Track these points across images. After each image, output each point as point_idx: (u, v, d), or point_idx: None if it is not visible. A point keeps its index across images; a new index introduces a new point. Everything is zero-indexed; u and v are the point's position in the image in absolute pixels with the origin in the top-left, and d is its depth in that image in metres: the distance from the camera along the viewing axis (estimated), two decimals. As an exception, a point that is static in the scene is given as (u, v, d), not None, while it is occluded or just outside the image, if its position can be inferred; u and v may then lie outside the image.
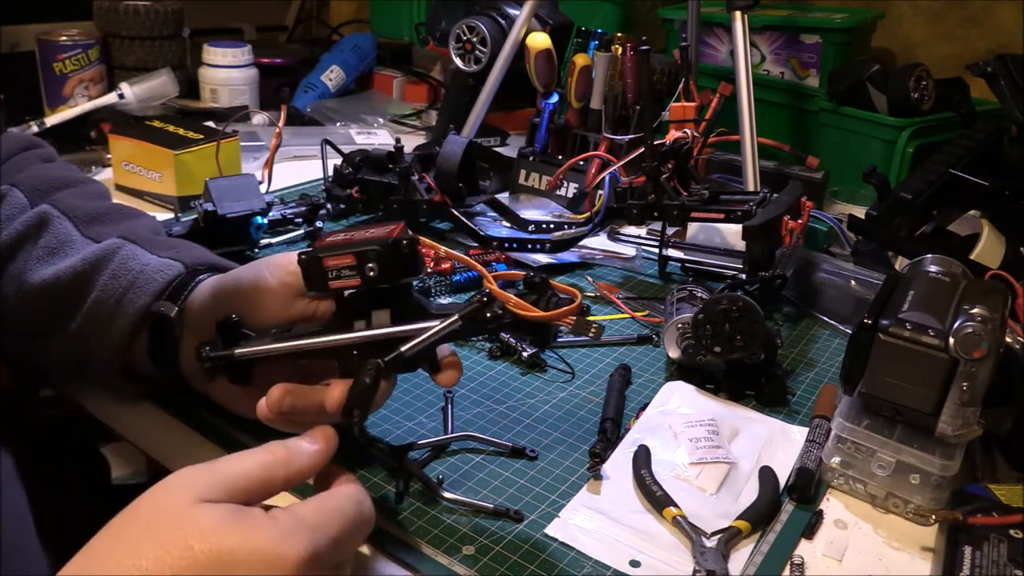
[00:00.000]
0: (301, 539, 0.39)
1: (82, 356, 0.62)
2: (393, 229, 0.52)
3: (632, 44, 1.14)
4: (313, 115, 1.47)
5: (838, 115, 1.16)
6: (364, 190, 1.01)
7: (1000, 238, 0.86)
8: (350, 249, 0.50)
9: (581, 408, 0.69)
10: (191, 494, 0.39)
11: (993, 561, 0.49)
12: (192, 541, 0.37)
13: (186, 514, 0.38)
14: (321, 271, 0.51)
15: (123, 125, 1.16)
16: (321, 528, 0.41)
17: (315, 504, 0.43)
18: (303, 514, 0.42)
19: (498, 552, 0.53)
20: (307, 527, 0.40)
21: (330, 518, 0.42)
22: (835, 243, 0.99)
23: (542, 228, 0.99)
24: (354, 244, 0.51)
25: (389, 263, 0.50)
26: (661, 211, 0.88)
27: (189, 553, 0.37)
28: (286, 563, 0.38)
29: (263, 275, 0.58)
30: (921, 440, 0.57)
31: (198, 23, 1.55)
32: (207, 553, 0.37)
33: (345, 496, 0.45)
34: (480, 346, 0.78)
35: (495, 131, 1.36)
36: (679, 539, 0.55)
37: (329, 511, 0.43)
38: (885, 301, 0.61)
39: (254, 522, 0.39)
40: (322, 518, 0.42)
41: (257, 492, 0.42)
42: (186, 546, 0.37)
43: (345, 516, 0.43)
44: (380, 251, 0.50)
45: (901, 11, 1.38)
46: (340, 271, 0.51)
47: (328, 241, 0.53)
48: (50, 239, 0.64)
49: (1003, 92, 0.91)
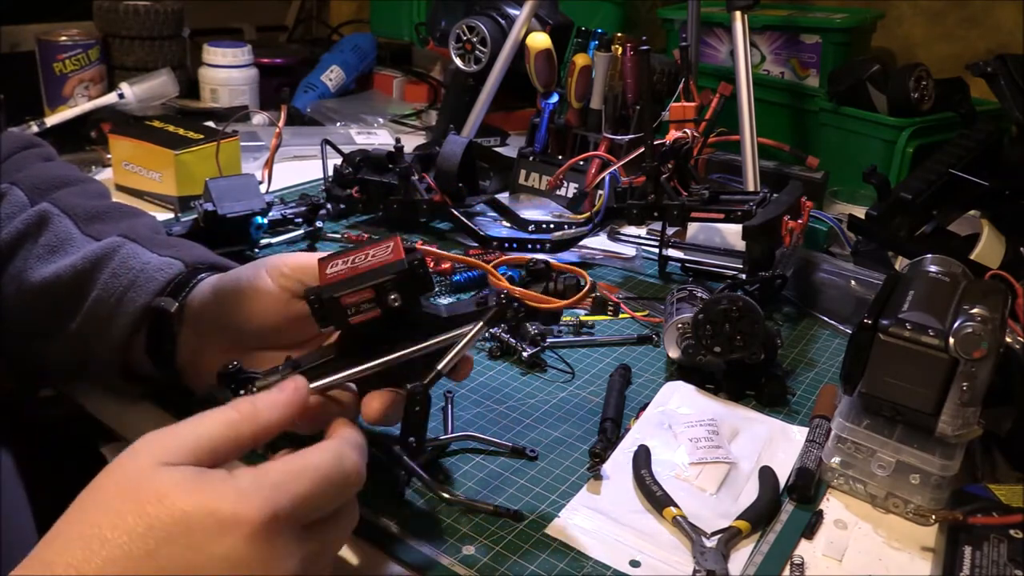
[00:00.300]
0: (258, 498, 0.38)
1: (82, 356, 0.62)
2: (392, 247, 0.51)
3: (632, 44, 1.14)
4: (313, 115, 1.47)
5: (838, 115, 1.16)
6: (364, 190, 1.01)
7: (1000, 238, 0.86)
8: (366, 283, 0.49)
9: (581, 408, 0.69)
10: (153, 458, 0.38)
11: (993, 561, 0.49)
12: (147, 506, 0.36)
13: (146, 478, 0.37)
14: (340, 309, 0.49)
15: (123, 125, 1.16)
16: (284, 485, 0.39)
17: (283, 460, 0.41)
18: (266, 471, 0.40)
19: (498, 552, 0.53)
20: (268, 485, 0.38)
21: (297, 474, 0.40)
22: (835, 243, 0.99)
23: (542, 228, 0.99)
24: (366, 276, 0.49)
25: (407, 288, 0.49)
26: (661, 211, 0.88)
27: (145, 518, 0.36)
28: (241, 524, 0.37)
29: (261, 276, 0.57)
30: (921, 440, 0.57)
31: (198, 23, 1.55)
32: (162, 517, 0.36)
33: (323, 450, 0.42)
34: (480, 346, 0.77)
35: (495, 131, 1.36)
36: (679, 539, 0.55)
37: (298, 467, 0.40)
38: (885, 301, 0.61)
39: (211, 483, 0.38)
40: (288, 475, 0.40)
41: (225, 452, 0.41)
42: (142, 511, 0.36)
43: (317, 471, 0.41)
44: (398, 279, 0.49)
45: (901, 11, 1.38)
46: (360, 306, 0.49)
47: (332, 275, 0.51)
48: (50, 237, 0.64)
49: (1003, 92, 0.91)
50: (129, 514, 0.36)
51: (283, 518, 0.38)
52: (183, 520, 0.36)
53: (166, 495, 0.37)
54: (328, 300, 0.49)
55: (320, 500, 0.41)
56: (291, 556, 0.39)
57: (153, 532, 0.36)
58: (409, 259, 0.49)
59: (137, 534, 0.36)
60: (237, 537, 0.37)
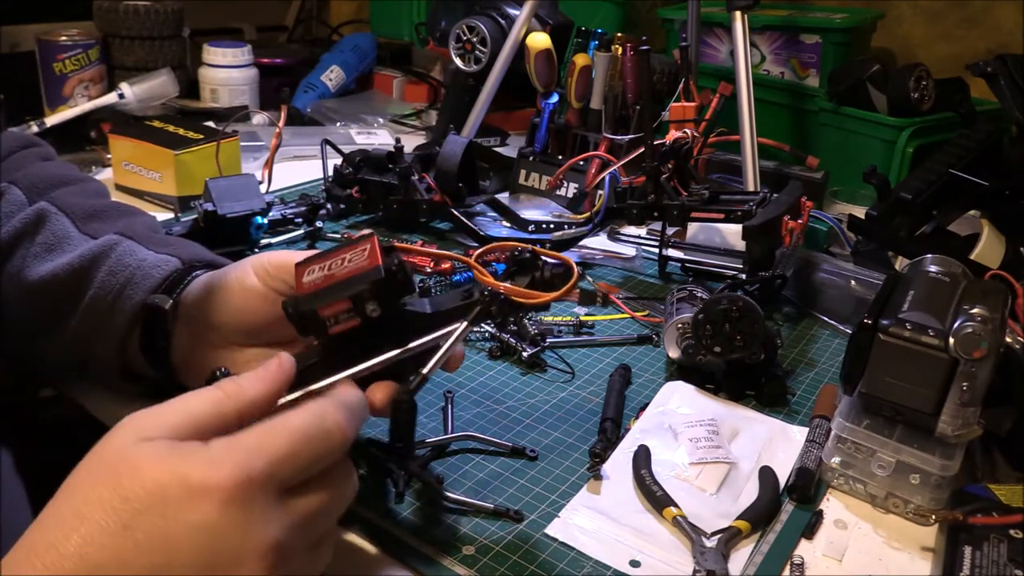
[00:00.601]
0: (230, 463, 0.37)
1: (82, 355, 0.62)
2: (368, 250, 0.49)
3: (632, 44, 1.14)
4: (313, 115, 1.47)
5: (838, 115, 1.16)
6: (364, 190, 1.01)
7: (1000, 238, 0.86)
8: (342, 294, 0.47)
9: (581, 408, 0.69)
10: (135, 435, 0.38)
11: (993, 561, 0.49)
12: (122, 479, 0.36)
13: (123, 453, 0.37)
14: (318, 321, 0.48)
15: (123, 125, 1.16)
16: (259, 449, 0.38)
17: (259, 425, 0.40)
18: (241, 436, 0.39)
19: (498, 552, 0.53)
20: (241, 450, 0.38)
21: (273, 436, 0.39)
22: (835, 243, 0.99)
23: (542, 228, 0.99)
24: (343, 285, 0.47)
25: (386, 295, 0.47)
26: (661, 211, 0.88)
27: (119, 491, 0.36)
28: (213, 489, 0.36)
29: (248, 274, 0.57)
30: (921, 440, 0.57)
31: (198, 23, 1.55)
32: (135, 489, 0.36)
33: (304, 411, 0.41)
34: (480, 346, 0.78)
35: (495, 131, 1.36)
36: (679, 539, 0.55)
37: (275, 430, 0.39)
38: (885, 301, 0.61)
39: (183, 452, 0.37)
40: (263, 438, 0.39)
41: (208, 428, 0.40)
42: (116, 485, 0.36)
43: (294, 430, 0.39)
44: (375, 288, 0.47)
45: (901, 11, 1.38)
46: (338, 317, 0.48)
47: (309, 284, 0.49)
48: (48, 236, 0.64)
49: (1003, 92, 0.91)
50: (105, 488, 0.36)
51: (258, 481, 0.37)
52: (156, 490, 0.36)
53: (139, 467, 0.36)
54: (306, 312, 0.48)
55: (298, 460, 0.39)
56: (271, 521, 0.38)
57: (128, 504, 0.36)
58: (386, 265, 0.47)
59: (112, 508, 0.36)
60: (210, 503, 0.36)
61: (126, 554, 0.35)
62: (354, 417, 0.43)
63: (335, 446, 0.41)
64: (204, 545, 0.36)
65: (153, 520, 0.35)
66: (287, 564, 0.38)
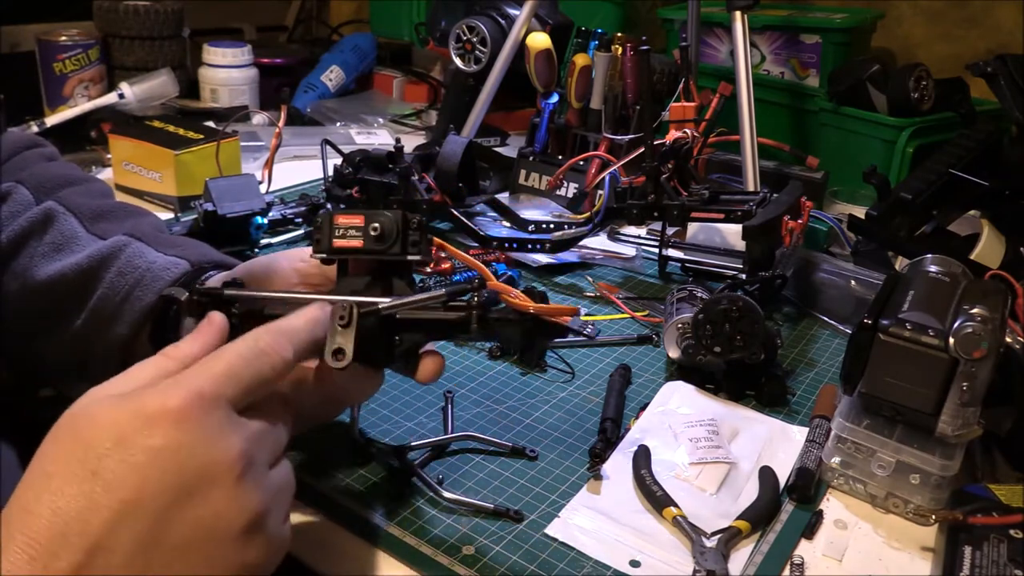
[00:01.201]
0: (179, 387, 0.39)
1: (82, 356, 0.62)
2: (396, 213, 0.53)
3: (632, 44, 1.14)
4: (313, 115, 1.47)
5: (838, 115, 1.16)
6: (364, 190, 1.01)
7: (1000, 238, 0.86)
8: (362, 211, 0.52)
9: (581, 408, 0.69)
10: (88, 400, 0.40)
11: (993, 561, 0.49)
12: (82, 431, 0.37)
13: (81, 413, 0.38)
14: (330, 228, 0.52)
15: (123, 125, 1.16)
16: (202, 372, 0.40)
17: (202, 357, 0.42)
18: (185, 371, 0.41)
19: (498, 552, 0.53)
20: (187, 376, 0.40)
21: (214, 360, 0.41)
22: (835, 243, 0.99)
23: (542, 228, 0.99)
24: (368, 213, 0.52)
25: (394, 232, 0.51)
26: (661, 211, 0.88)
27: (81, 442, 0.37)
28: (168, 412, 0.37)
29: (277, 260, 0.59)
30: (921, 440, 0.57)
31: (198, 23, 1.55)
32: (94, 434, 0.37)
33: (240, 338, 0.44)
34: (480, 346, 0.78)
35: (495, 131, 1.36)
36: (679, 539, 0.55)
37: (215, 356, 0.42)
38: (885, 301, 0.61)
39: (136, 392, 0.39)
40: (205, 363, 0.41)
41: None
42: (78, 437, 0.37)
43: (233, 354, 0.42)
44: (390, 217, 0.51)
45: (901, 11, 1.38)
46: (347, 230, 0.52)
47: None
48: (56, 235, 0.64)
49: (1003, 92, 0.91)
50: (65, 444, 0.37)
51: (208, 397, 0.39)
52: (114, 429, 0.37)
53: (95, 416, 0.38)
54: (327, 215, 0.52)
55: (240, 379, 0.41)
56: (231, 433, 0.39)
57: (90, 451, 0.36)
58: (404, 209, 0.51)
59: (76, 458, 0.36)
60: (167, 425, 0.37)
61: (97, 497, 0.35)
62: (289, 339, 0.45)
63: (272, 364, 0.43)
64: (170, 468, 0.37)
65: (117, 457, 0.36)
66: (255, 475, 0.40)
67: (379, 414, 0.66)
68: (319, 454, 0.61)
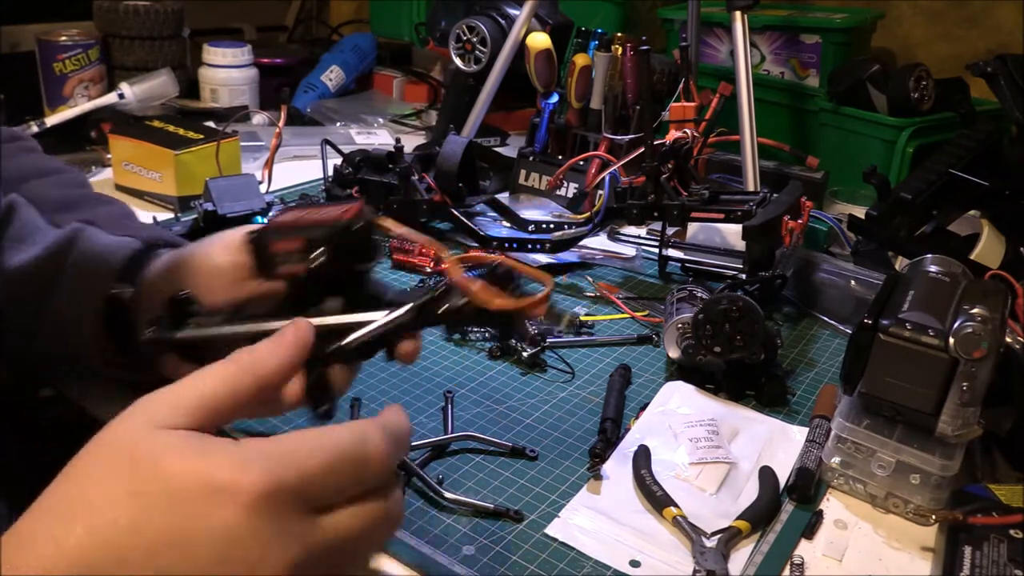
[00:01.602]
0: (260, 467, 0.33)
1: (68, 350, 0.61)
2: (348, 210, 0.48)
3: (632, 44, 1.14)
4: (313, 115, 1.47)
5: (838, 115, 1.16)
6: (364, 190, 1.01)
7: (1000, 238, 0.86)
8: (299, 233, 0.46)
9: (581, 408, 0.69)
10: (149, 422, 0.35)
11: (993, 561, 0.49)
12: (140, 470, 0.33)
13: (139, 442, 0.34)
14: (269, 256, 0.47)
15: (123, 125, 1.16)
16: (292, 456, 0.35)
17: (297, 433, 0.36)
18: (277, 440, 0.35)
19: (498, 552, 0.53)
20: (272, 455, 0.34)
21: (309, 448, 0.35)
22: (835, 243, 0.99)
23: (542, 228, 0.99)
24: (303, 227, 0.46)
25: (339, 248, 0.45)
26: (661, 211, 0.88)
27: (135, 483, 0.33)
28: (239, 493, 0.32)
29: (211, 254, 0.55)
30: (921, 440, 0.57)
31: (198, 23, 1.55)
32: (154, 482, 0.33)
33: (347, 427, 0.37)
34: (480, 346, 0.78)
35: (495, 131, 1.36)
36: (679, 539, 0.55)
37: (311, 439, 0.36)
38: (885, 301, 0.61)
39: (211, 448, 0.34)
40: (297, 446, 0.35)
41: (227, 409, 0.37)
42: (133, 476, 0.33)
43: (332, 446, 0.36)
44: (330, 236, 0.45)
45: (901, 11, 1.38)
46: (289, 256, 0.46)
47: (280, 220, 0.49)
48: (18, 228, 0.63)
49: (1003, 92, 0.91)
50: (118, 479, 0.33)
51: (287, 491, 0.34)
52: (178, 487, 0.33)
53: (160, 459, 0.33)
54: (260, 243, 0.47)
55: (333, 479, 0.36)
56: (295, 539, 0.34)
57: (143, 498, 0.32)
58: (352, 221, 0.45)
59: (125, 502, 0.32)
60: (233, 508, 0.32)
61: (132, 554, 0.32)
62: (398, 446, 0.39)
63: (373, 473, 0.37)
64: (220, 552, 0.32)
65: (170, 519, 0.32)
66: None
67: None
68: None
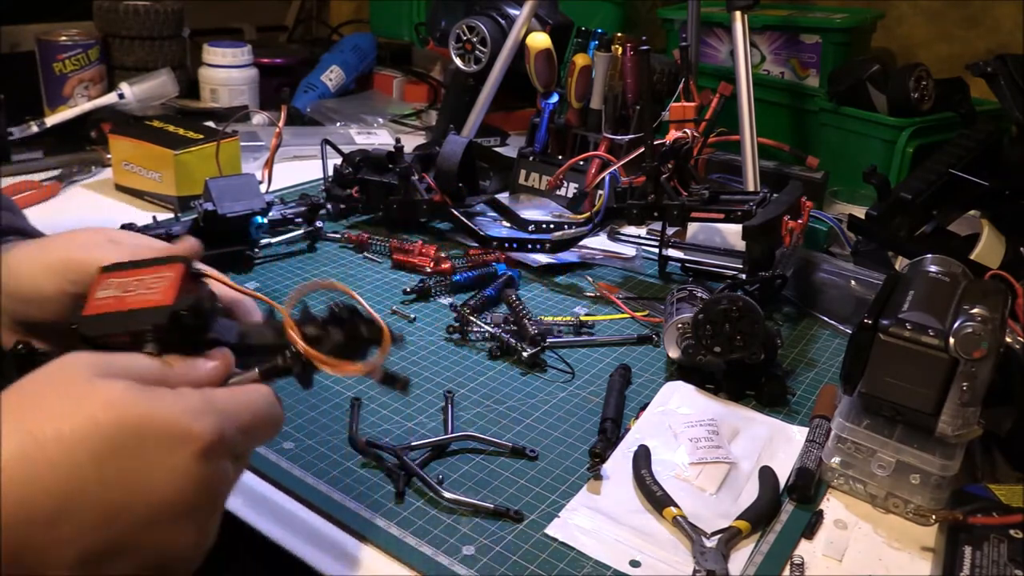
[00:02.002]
0: (210, 419, 0.38)
1: None
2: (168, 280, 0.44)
3: (632, 44, 1.14)
4: (313, 115, 1.47)
5: (838, 115, 1.16)
6: (364, 190, 1.01)
7: (1000, 238, 0.86)
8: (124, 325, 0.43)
9: (581, 408, 0.69)
10: (89, 371, 0.37)
11: (993, 561, 0.49)
12: (96, 411, 0.35)
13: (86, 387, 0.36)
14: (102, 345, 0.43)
15: (123, 125, 1.16)
16: (230, 413, 0.39)
17: (227, 391, 0.42)
18: (214, 395, 0.40)
19: (498, 552, 0.53)
20: (216, 409, 0.39)
21: (240, 407, 0.41)
22: (835, 243, 0.99)
23: (542, 228, 0.99)
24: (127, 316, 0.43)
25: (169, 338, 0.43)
26: (661, 211, 0.88)
27: (93, 425, 0.35)
28: (192, 439, 0.36)
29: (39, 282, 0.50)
30: (921, 440, 0.57)
31: (198, 23, 1.55)
32: (112, 424, 0.35)
33: (259, 392, 0.43)
34: (480, 346, 0.78)
35: (495, 131, 1.36)
36: (679, 539, 0.55)
37: (241, 401, 0.41)
38: (885, 301, 0.61)
39: (161, 395, 0.37)
40: (232, 405, 0.40)
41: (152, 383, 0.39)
42: (89, 416, 0.35)
43: (257, 408, 0.42)
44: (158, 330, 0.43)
45: (901, 11, 1.38)
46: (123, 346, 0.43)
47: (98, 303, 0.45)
48: None
49: (1003, 92, 0.91)
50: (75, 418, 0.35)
51: (227, 443, 0.38)
52: (135, 429, 0.35)
53: (115, 403, 0.36)
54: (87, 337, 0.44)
55: (254, 436, 0.42)
56: (227, 481, 0.39)
57: (100, 439, 0.35)
58: (176, 306, 0.43)
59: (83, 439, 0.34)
60: (188, 452, 0.36)
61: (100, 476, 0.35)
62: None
63: (275, 432, 0.43)
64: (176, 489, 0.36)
65: (127, 458, 0.35)
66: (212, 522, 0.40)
67: (379, 414, 0.66)
68: (319, 454, 0.61)
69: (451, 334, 0.78)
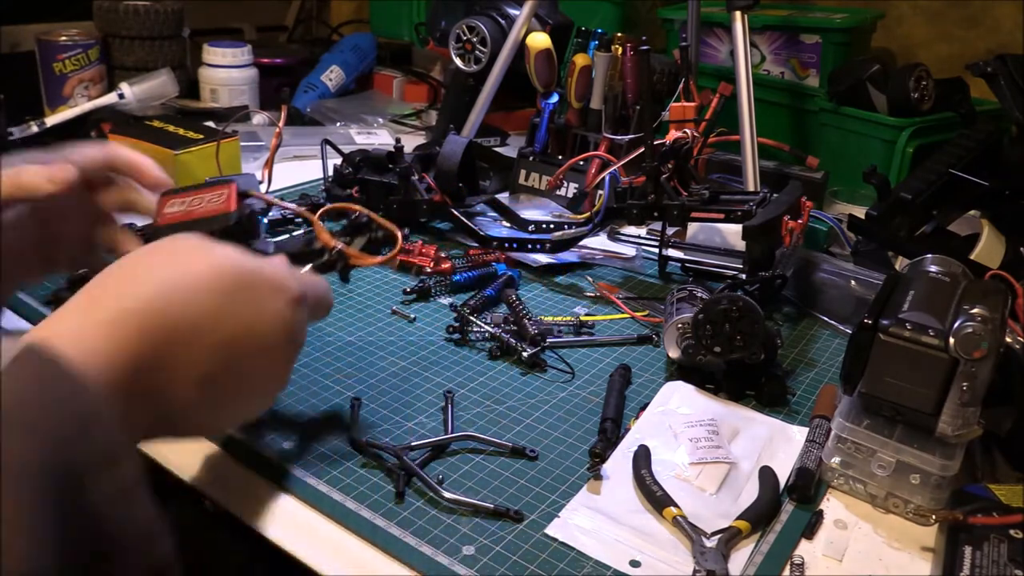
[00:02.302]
0: (296, 280, 0.51)
1: None
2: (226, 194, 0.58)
3: (632, 44, 1.14)
4: (313, 115, 1.47)
5: (838, 115, 1.16)
6: (364, 190, 1.01)
7: (1000, 238, 0.86)
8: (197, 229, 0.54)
9: (581, 408, 0.69)
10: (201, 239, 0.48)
11: (993, 561, 0.49)
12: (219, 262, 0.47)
13: (207, 247, 0.47)
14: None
15: (123, 125, 1.16)
16: (307, 283, 0.53)
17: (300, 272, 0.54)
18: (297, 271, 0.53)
19: (498, 552, 0.53)
20: (299, 275, 0.52)
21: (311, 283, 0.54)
22: (835, 243, 0.99)
23: (542, 228, 0.99)
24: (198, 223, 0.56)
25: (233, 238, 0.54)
26: (661, 211, 0.88)
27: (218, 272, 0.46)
28: (288, 289, 0.50)
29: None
30: (921, 440, 0.57)
31: (198, 23, 1.54)
32: (231, 272, 0.47)
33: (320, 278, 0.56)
34: (480, 346, 0.78)
35: (495, 131, 1.36)
36: (679, 539, 0.55)
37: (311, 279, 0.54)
38: (885, 301, 0.61)
39: (263, 259, 0.50)
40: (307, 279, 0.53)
41: None
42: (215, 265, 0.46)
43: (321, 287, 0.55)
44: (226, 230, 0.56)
45: (901, 11, 1.38)
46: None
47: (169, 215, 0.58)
48: None
49: (1003, 92, 0.91)
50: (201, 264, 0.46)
51: (303, 304, 0.51)
52: (250, 277, 0.48)
53: (232, 257, 0.48)
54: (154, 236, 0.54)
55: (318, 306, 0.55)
56: (304, 331, 0.52)
57: (225, 282, 0.46)
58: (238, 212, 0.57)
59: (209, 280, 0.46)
60: (285, 300, 0.49)
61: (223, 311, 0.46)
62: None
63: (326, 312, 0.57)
64: (277, 329, 0.49)
65: (246, 296, 0.47)
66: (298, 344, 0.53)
67: (379, 414, 0.66)
68: (319, 454, 0.61)
69: (451, 334, 0.78)
